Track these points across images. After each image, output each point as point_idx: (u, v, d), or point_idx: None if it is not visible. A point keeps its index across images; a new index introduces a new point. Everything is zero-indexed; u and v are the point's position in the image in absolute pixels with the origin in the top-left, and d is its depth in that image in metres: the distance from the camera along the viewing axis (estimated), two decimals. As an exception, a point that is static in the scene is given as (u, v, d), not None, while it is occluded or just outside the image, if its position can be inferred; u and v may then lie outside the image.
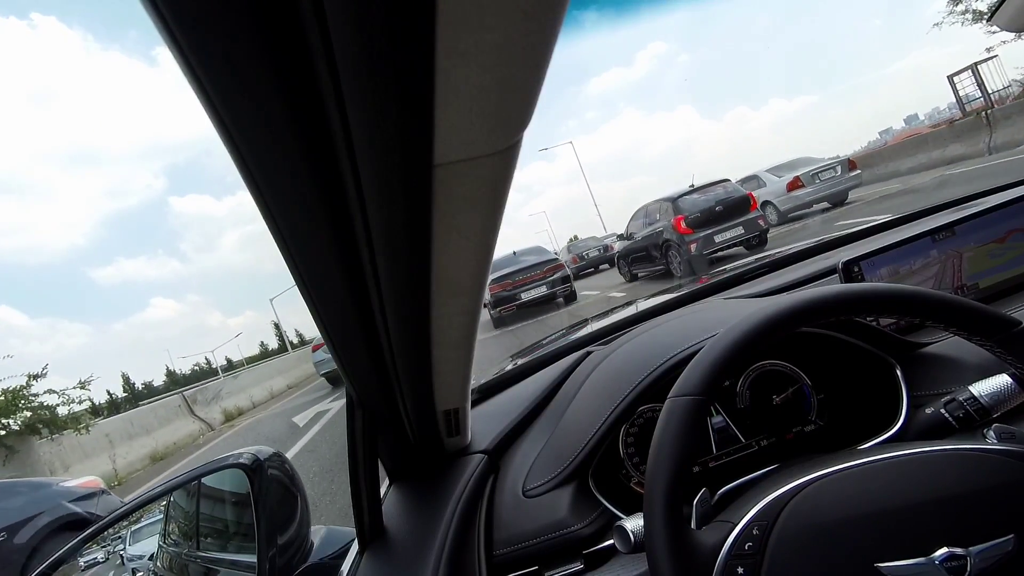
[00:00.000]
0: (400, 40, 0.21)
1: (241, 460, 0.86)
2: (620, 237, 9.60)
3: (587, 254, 15.37)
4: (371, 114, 0.25)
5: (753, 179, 9.83)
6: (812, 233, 7.62)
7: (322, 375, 9.75)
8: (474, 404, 0.88)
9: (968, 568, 0.41)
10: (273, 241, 0.33)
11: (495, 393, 0.97)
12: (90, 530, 0.89)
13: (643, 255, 8.46)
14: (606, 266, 14.13)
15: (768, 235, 7.48)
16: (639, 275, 8.95)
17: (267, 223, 0.32)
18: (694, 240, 7.12)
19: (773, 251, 1.40)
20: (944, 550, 0.42)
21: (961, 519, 0.43)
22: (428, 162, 0.28)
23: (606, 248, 14.80)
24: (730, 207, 7.22)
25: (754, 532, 0.45)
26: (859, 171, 9.03)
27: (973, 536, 0.42)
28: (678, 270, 7.35)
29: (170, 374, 49.86)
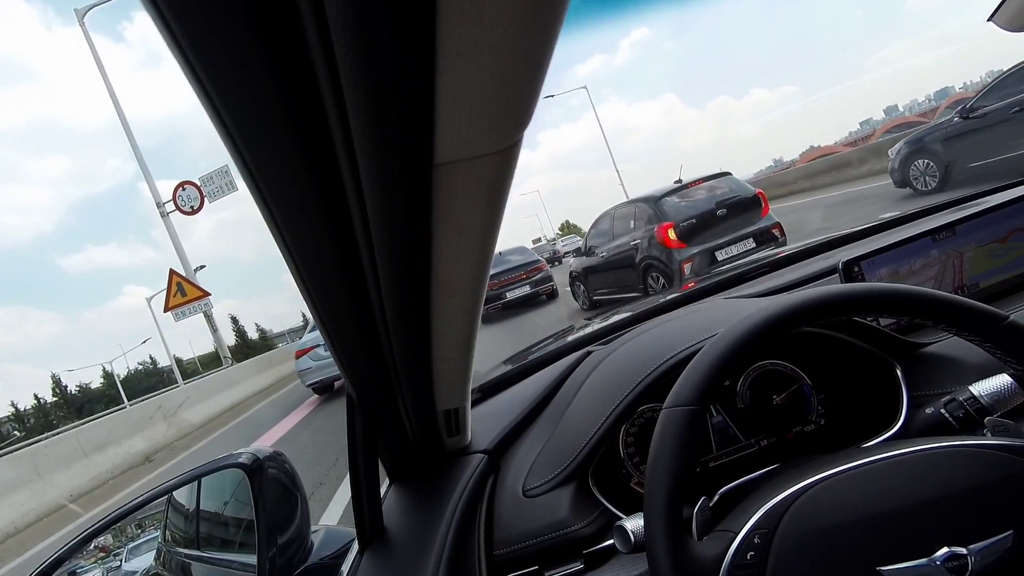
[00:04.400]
0: (400, 39, 0.21)
1: (241, 460, 0.86)
2: (578, 252, 7.37)
3: (542, 256, 21.07)
4: (371, 114, 0.25)
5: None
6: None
7: (308, 385, 7.91)
8: (474, 404, 0.88)
9: (969, 567, 0.41)
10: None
11: (495, 393, 0.97)
12: (91, 529, 0.89)
13: (609, 276, 6.15)
14: (558, 263, 20.06)
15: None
16: (601, 301, 6.51)
17: (267, 222, 0.32)
18: (688, 257, 4.94)
19: (772, 252, 1.39)
20: (945, 550, 0.42)
21: (960, 517, 0.43)
22: (428, 162, 0.28)
23: (555, 252, 22.61)
24: (736, 211, 5.07)
25: (755, 541, 0.45)
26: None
27: (972, 534, 0.42)
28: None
29: (107, 376, 40.75)
